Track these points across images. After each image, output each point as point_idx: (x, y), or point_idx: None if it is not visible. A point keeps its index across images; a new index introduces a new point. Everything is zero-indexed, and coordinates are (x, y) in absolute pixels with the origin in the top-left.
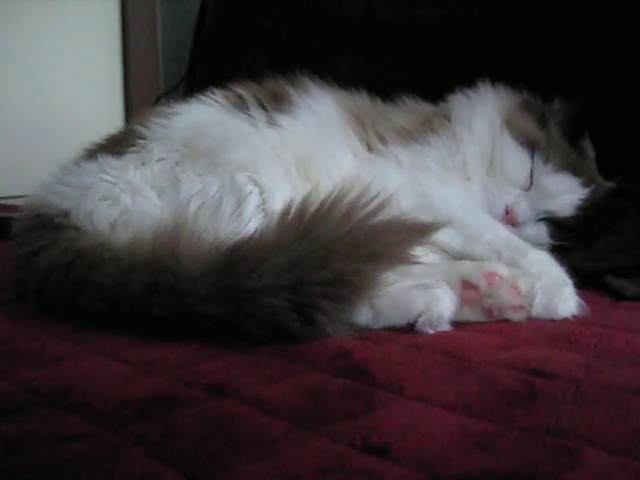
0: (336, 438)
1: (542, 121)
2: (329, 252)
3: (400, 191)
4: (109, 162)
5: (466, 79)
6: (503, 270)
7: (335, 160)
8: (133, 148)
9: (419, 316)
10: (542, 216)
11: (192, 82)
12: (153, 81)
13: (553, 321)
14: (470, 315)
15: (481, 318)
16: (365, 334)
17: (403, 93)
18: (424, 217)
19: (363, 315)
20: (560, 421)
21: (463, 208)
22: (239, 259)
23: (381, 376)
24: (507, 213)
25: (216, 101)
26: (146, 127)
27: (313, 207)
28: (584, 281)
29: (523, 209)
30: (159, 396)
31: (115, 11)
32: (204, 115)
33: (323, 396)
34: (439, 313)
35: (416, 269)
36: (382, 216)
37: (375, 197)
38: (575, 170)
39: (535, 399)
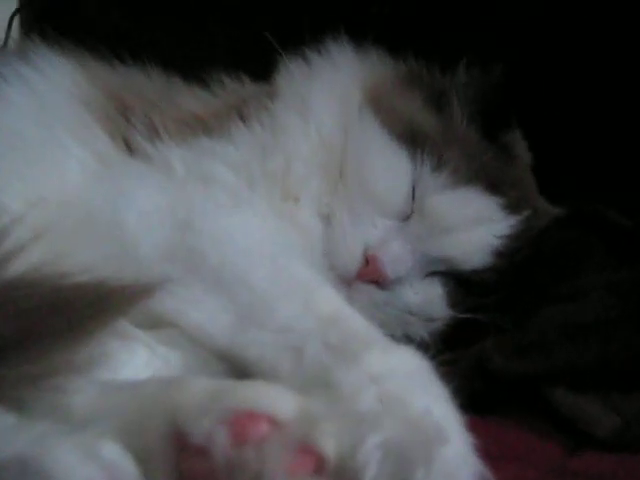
0: None
1: (439, 102)
2: None
3: (147, 219)
4: None
5: None
6: (283, 406)
7: (43, 166)
8: None
9: None
10: (435, 268)
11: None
12: None
13: None
14: None
15: None
16: None
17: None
18: (178, 269)
19: None
20: None
21: (257, 252)
22: None
23: None
24: (367, 262)
25: None
26: None
27: None
28: (512, 396)
29: (397, 255)
30: None
31: None
32: None
33: None
34: None
35: (70, 399)
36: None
37: None
38: (492, 183)
39: None
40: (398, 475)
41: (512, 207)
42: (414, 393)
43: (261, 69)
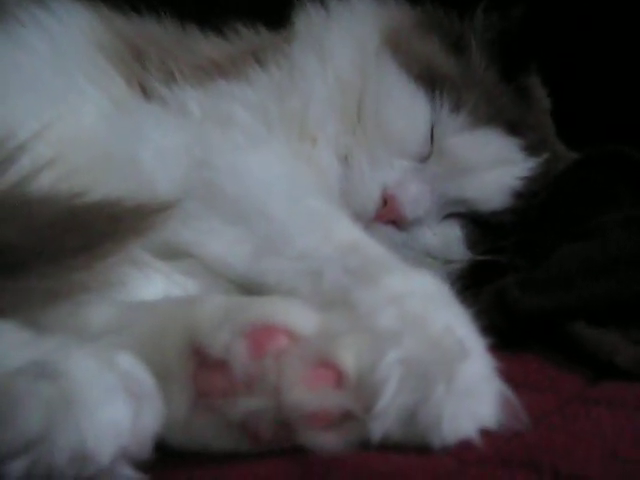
0: None
1: (457, 46)
2: None
3: (164, 156)
4: None
5: None
6: (302, 320)
7: (59, 107)
8: None
9: (24, 451)
10: (453, 210)
11: None
12: None
13: (428, 454)
14: (213, 434)
15: (241, 445)
16: None
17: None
18: (196, 203)
19: None
20: None
21: (276, 185)
22: None
23: None
24: (385, 203)
25: None
26: None
27: None
28: (531, 331)
29: (415, 195)
30: None
31: None
32: None
33: None
34: (81, 442)
35: (87, 314)
36: None
37: None
38: (511, 125)
39: None
40: (418, 391)
41: (531, 149)
42: (434, 312)
43: (277, 18)
